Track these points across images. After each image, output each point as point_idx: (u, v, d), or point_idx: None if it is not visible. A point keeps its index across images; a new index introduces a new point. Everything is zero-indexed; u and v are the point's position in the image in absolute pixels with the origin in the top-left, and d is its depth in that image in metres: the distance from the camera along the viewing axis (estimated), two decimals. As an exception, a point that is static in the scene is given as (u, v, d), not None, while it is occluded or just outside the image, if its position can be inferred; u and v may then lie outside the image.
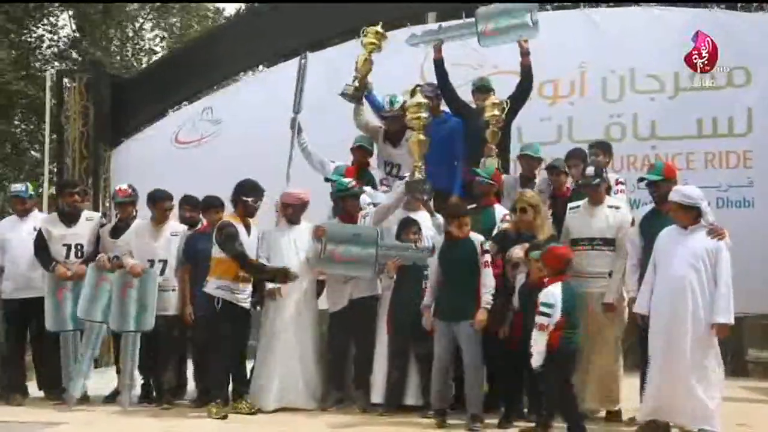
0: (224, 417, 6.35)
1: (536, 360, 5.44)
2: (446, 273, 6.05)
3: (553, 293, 5.47)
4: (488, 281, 5.94)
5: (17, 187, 7.82)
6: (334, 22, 9.86)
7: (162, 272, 6.98)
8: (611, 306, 6.18)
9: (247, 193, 6.72)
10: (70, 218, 7.33)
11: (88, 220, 7.39)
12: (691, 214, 5.64)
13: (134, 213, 7.39)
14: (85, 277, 7.00)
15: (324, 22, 9.95)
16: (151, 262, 6.98)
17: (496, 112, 7.00)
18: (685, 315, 5.51)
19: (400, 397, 6.49)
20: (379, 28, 7.54)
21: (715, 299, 5.48)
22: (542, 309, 5.43)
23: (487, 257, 5.97)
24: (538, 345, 5.43)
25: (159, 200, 7.16)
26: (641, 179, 6.42)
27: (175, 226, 7.20)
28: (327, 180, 7.20)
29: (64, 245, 7.22)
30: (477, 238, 6.04)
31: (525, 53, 7.42)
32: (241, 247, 6.49)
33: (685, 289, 5.52)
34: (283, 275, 6.47)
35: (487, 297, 5.91)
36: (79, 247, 7.23)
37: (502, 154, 7.30)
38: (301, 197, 6.87)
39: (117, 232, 7.26)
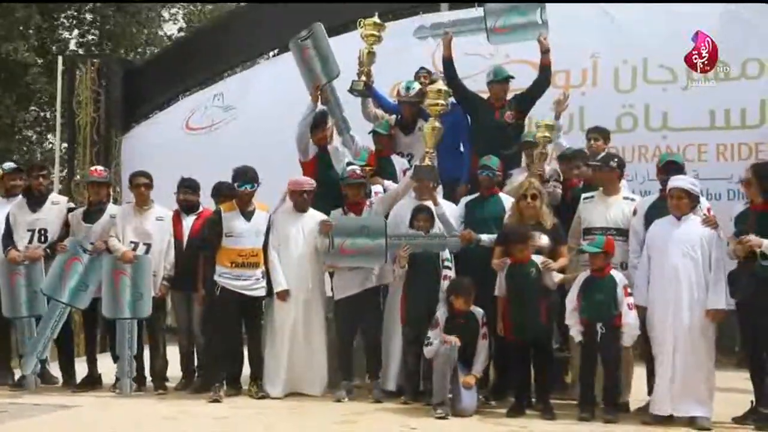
0: (216, 401, 6.36)
1: (578, 335, 5.86)
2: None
3: None
4: (484, 354, 6.08)
5: (9, 164, 7.67)
6: (346, 8, 9.83)
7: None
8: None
9: (233, 179, 6.69)
10: (36, 202, 7.17)
11: (54, 204, 7.23)
12: (692, 203, 5.75)
13: (108, 197, 7.27)
14: (37, 262, 6.95)
15: (336, 8, 9.91)
16: (135, 244, 6.89)
17: (547, 134, 6.82)
18: (683, 303, 5.58)
19: (418, 385, 6.46)
20: (376, 18, 7.33)
21: (709, 286, 5.57)
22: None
23: (485, 330, 6.07)
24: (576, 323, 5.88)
25: (133, 177, 7.14)
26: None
27: (160, 210, 7.12)
28: (350, 163, 6.98)
29: (28, 230, 7.08)
30: (478, 312, 6.11)
31: (545, 51, 7.23)
32: (203, 243, 6.67)
33: (682, 278, 5.59)
34: (202, 296, 6.79)
35: (478, 367, 6.05)
36: (42, 232, 7.09)
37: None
38: (306, 185, 6.80)
39: (90, 216, 7.11)
